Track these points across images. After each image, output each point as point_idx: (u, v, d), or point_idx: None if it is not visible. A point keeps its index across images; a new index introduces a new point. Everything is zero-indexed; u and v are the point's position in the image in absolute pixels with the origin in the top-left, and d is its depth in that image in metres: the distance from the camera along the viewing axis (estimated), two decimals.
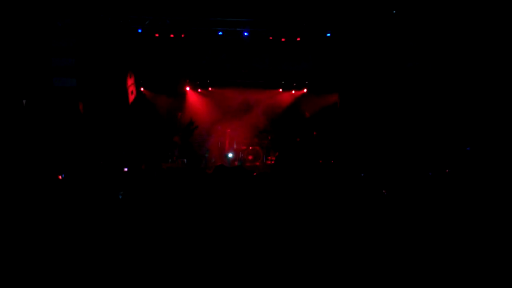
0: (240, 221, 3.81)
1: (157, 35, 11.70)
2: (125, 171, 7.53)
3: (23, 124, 9.72)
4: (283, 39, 11.78)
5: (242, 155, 12.66)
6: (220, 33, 11.50)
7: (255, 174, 5.65)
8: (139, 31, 11.41)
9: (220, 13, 11.10)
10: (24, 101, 10.07)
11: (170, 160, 11.91)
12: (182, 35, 11.70)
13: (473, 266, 3.32)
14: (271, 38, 11.74)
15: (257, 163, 12.46)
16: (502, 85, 9.36)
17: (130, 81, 12.48)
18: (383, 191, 5.33)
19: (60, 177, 4.92)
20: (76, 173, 5.63)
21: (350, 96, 11.88)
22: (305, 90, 13.54)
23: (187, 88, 13.72)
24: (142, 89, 13.18)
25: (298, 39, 11.75)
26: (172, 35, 11.70)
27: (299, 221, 4.03)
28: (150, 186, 4.75)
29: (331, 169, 9.32)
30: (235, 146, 13.00)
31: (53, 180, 4.89)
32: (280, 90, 13.72)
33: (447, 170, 7.45)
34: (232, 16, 11.23)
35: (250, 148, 12.85)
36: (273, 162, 12.91)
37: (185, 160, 11.93)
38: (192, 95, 13.87)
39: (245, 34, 11.51)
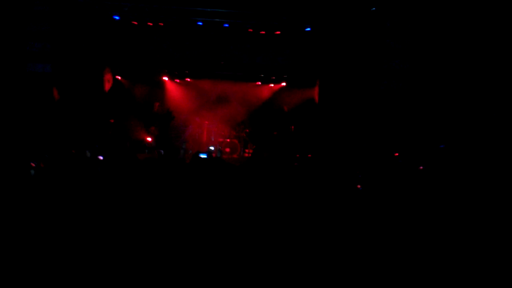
0: (217, 211, 3.80)
1: (135, 23, 11.51)
2: (100, 160, 7.42)
3: None
4: (262, 32, 11.76)
5: (220, 147, 12.63)
6: (200, 23, 11.40)
7: (235, 165, 5.66)
8: (117, 18, 11.21)
9: (200, 3, 10.99)
10: None
11: (146, 151, 11.79)
12: (161, 24, 11.55)
13: (459, 263, 3.40)
14: (250, 30, 11.71)
15: (235, 156, 12.46)
16: (481, 82, 9.56)
17: (107, 69, 12.28)
18: (358, 186, 5.42)
19: (33, 164, 4.81)
20: (49, 161, 5.51)
21: (329, 90, 11.96)
22: (283, 84, 13.58)
23: (165, 78, 13.58)
24: (118, 77, 12.98)
25: (278, 32, 11.75)
26: (150, 24, 11.53)
27: (274, 212, 4.04)
28: (126, 176, 4.69)
29: (308, 163, 9.39)
30: (212, 138, 12.95)
31: (25, 167, 4.78)
32: (259, 83, 13.72)
33: (421, 167, 7.59)
34: (213, 7, 11.14)
35: (228, 140, 12.83)
36: (250, 155, 12.93)
37: (162, 151, 11.82)
38: (170, 85, 13.75)
39: (225, 25, 11.44)
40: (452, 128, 9.58)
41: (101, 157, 7.00)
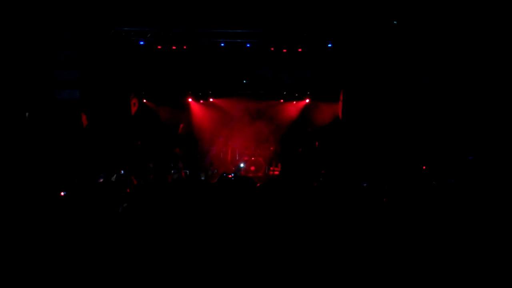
0: (244, 229, 3.78)
1: (159, 47, 11.75)
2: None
3: (26, 137, 9.75)
4: (284, 50, 11.82)
5: (245, 166, 12.64)
6: (222, 44, 11.55)
7: (258, 184, 5.63)
8: (141, 43, 11.48)
9: (222, 25, 11.17)
10: (27, 113, 10.12)
11: (172, 172, 11.90)
12: (184, 47, 11.75)
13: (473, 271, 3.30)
14: (272, 49, 11.79)
15: (260, 174, 12.45)
16: (504, 92, 9.36)
17: (133, 93, 12.53)
18: (383, 199, 5.29)
19: (62, 193, 4.92)
20: (79, 186, 5.62)
21: (352, 105, 11.87)
22: (307, 101, 13.55)
23: (189, 100, 13.76)
24: (144, 100, 13.22)
25: (300, 49, 11.79)
26: (174, 47, 11.75)
27: (301, 230, 3.99)
28: (156, 198, 4.72)
29: (333, 179, 9.29)
30: (237, 157, 12.99)
31: (54, 194, 4.88)
32: (282, 100, 13.74)
33: (452, 180, 7.42)
34: (234, 28, 11.30)
35: (252, 159, 12.84)
36: (275, 173, 12.89)
37: (188, 171, 11.93)
38: (194, 106, 13.91)
39: (247, 45, 11.57)
40: (480, 140, 9.36)
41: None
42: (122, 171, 9.74)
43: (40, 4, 9.67)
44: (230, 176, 9.13)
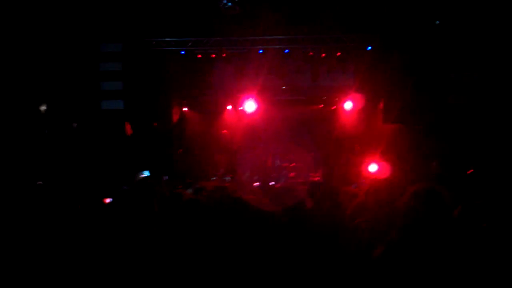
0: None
1: (199, 56, 11.95)
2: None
3: (74, 148, 10.15)
4: (323, 55, 11.74)
5: (284, 172, 12.62)
6: (261, 51, 11.62)
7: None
8: (182, 52, 11.72)
9: (260, 32, 11.24)
10: (75, 124, 10.54)
11: (214, 178, 12.05)
12: (223, 55, 11.90)
13: None
14: (311, 54, 11.74)
15: (300, 180, 12.38)
16: None
17: (174, 102, 12.80)
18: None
19: (106, 200, 5.08)
20: (123, 194, 5.79)
21: (394, 108, 11.60)
22: (347, 105, 13.37)
23: (229, 107, 13.90)
24: (186, 109, 13.48)
25: (339, 54, 11.68)
26: (213, 55, 11.92)
27: None
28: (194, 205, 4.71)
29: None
30: (278, 163, 12.99)
31: (100, 201, 5.05)
32: (321, 106, 13.65)
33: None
34: (272, 34, 11.34)
35: (292, 165, 12.81)
36: (316, 179, 12.76)
37: (228, 178, 12.04)
38: (234, 114, 14.04)
39: (286, 51, 11.58)
40: None
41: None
42: (166, 177, 9.95)
43: (84, 18, 10.06)
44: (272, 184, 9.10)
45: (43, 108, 9.99)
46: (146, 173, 9.65)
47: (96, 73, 11.02)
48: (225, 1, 10.40)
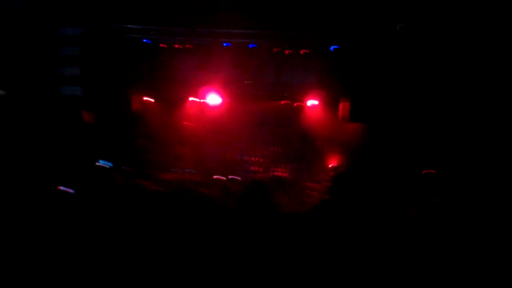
0: None
1: (163, 45, 11.72)
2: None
3: (26, 132, 9.73)
4: (287, 52, 11.79)
5: (245, 166, 12.62)
6: (226, 44, 11.53)
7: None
8: (144, 41, 11.47)
9: (226, 25, 11.15)
10: (28, 108, 10.11)
11: (174, 170, 11.87)
12: (188, 46, 11.73)
13: None
14: (275, 50, 11.76)
15: (263, 175, 12.41)
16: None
17: (135, 91, 12.53)
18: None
19: (60, 187, 4.88)
20: (79, 182, 5.58)
21: (358, 107, 11.82)
22: (309, 103, 13.48)
23: (190, 98, 13.72)
24: (146, 98, 13.21)
25: (304, 51, 11.76)
26: (177, 46, 11.73)
27: None
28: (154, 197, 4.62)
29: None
30: (239, 157, 12.97)
31: (53, 190, 4.84)
32: (285, 102, 13.68)
33: None
34: (239, 28, 11.28)
35: (256, 159, 12.82)
36: (278, 173, 12.82)
37: (192, 170, 11.91)
38: (195, 105, 13.86)
39: (251, 46, 11.54)
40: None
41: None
42: (123, 168, 9.72)
43: (42, 0, 9.67)
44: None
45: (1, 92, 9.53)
46: (105, 163, 9.40)
47: (54, 56, 10.61)
48: None
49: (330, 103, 12.83)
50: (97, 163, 9.55)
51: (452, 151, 9.81)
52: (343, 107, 12.32)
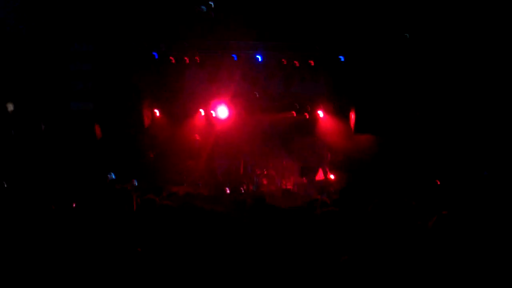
0: None
1: (172, 59, 11.83)
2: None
3: (42, 148, 9.88)
4: (296, 62, 11.83)
5: (257, 179, 12.62)
6: (234, 56, 11.61)
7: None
8: (155, 55, 11.60)
9: (234, 37, 11.25)
10: (43, 126, 10.27)
11: (184, 184, 11.93)
12: (197, 59, 11.83)
13: None
14: (284, 61, 11.80)
15: (272, 187, 12.40)
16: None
17: (146, 104, 12.63)
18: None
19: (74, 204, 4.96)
20: (92, 198, 5.64)
21: (365, 117, 11.81)
22: (320, 114, 13.48)
23: (202, 111, 13.79)
24: (157, 112, 13.30)
25: (311, 62, 11.79)
26: (186, 59, 11.83)
27: None
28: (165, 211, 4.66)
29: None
30: (250, 170, 12.97)
31: (67, 204, 4.92)
32: (294, 113, 13.69)
33: None
34: (247, 40, 11.37)
35: (265, 172, 12.82)
36: (288, 186, 12.80)
37: (199, 184, 11.96)
38: (207, 118, 13.94)
39: (259, 57, 11.61)
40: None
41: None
42: (136, 182, 9.80)
43: (54, 16, 9.85)
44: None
45: (10, 107, 9.69)
46: (112, 176, 9.50)
47: (66, 73, 10.78)
48: (200, 6, 10.39)
49: (340, 114, 12.83)
50: (108, 176, 9.63)
51: (461, 161, 9.76)
52: (353, 118, 12.31)
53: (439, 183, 9.09)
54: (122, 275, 3.29)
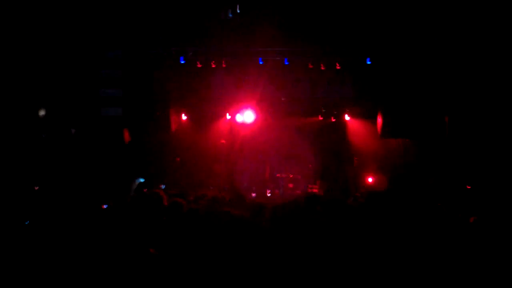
0: None
1: (199, 65, 11.96)
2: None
3: (72, 153, 10.11)
4: (322, 67, 11.78)
5: (282, 183, 12.61)
6: (261, 61, 11.64)
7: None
8: (182, 61, 11.74)
9: (260, 43, 11.28)
10: (73, 130, 10.52)
11: (211, 188, 12.02)
12: (223, 65, 11.92)
13: None
14: (310, 66, 11.76)
15: (298, 191, 12.37)
16: None
17: (174, 110, 12.79)
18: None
19: (103, 206, 5.06)
20: (121, 200, 5.75)
21: (392, 121, 11.66)
22: (347, 118, 13.40)
23: (228, 116, 13.89)
24: (185, 117, 13.46)
25: (338, 66, 11.72)
26: (213, 65, 11.94)
27: None
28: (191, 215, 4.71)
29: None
30: (276, 174, 12.98)
31: (97, 207, 5.03)
32: (321, 118, 13.65)
33: None
34: (273, 46, 11.39)
35: (291, 176, 12.79)
36: (314, 190, 12.76)
37: (225, 187, 12.03)
38: (233, 123, 14.02)
39: (286, 62, 11.61)
40: None
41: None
42: (163, 186, 9.93)
43: (85, 24, 10.08)
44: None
45: (41, 112, 9.96)
46: (140, 180, 9.63)
47: (96, 79, 11.02)
48: (226, 12, 10.48)
49: (368, 118, 12.71)
50: (136, 181, 9.78)
51: (491, 165, 9.51)
52: (380, 122, 12.17)
53: (469, 187, 8.88)
54: (144, 278, 3.33)
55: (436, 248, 3.29)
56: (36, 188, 7.81)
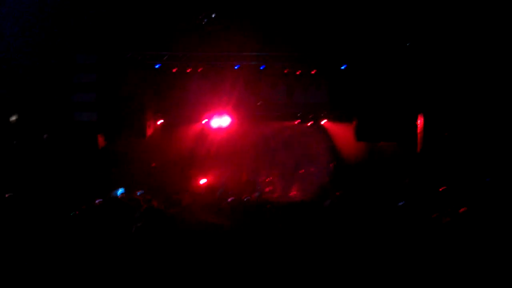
0: None
1: (174, 70, 11.90)
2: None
3: (43, 158, 9.91)
4: (298, 72, 11.88)
5: (259, 187, 12.61)
6: (237, 66, 11.66)
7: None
8: (157, 66, 11.67)
9: (236, 48, 11.30)
10: (45, 135, 10.31)
11: (187, 193, 11.92)
12: (199, 70, 11.89)
13: None
14: (286, 71, 11.86)
15: (275, 195, 12.39)
16: None
17: (149, 114, 12.66)
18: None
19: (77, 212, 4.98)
20: (92, 207, 5.67)
21: (367, 125, 11.83)
22: (323, 122, 13.50)
23: (204, 120, 13.81)
24: (160, 122, 13.34)
25: (314, 71, 11.84)
26: (189, 70, 11.90)
27: None
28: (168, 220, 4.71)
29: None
30: (253, 178, 12.98)
31: (68, 213, 4.95)
32: (297, 121, 13.70)
33: None
34: (249, 51, 11.42)
35: (267, 179, 12.82)
36: (291, 194, 12.79)
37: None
38: (210, 128, 13.95)
39: (262, 67, 11.67)
40: None
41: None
42: (139, 192, 9.81)
43: (58, 30, 9.94)
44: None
45: (13, 118, 9.75)
46: (120, 191, 9.48)
47: (69, 83, 10.85)
48: (202, 17, 10.48)
49: (344, 122, 12.86)
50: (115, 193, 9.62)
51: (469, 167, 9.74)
52: (355, 126, 12.33)
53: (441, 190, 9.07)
54: (125, 280, 3.31)
55: (405, 248, 3.37)
56: (7, 195, 7.61)
